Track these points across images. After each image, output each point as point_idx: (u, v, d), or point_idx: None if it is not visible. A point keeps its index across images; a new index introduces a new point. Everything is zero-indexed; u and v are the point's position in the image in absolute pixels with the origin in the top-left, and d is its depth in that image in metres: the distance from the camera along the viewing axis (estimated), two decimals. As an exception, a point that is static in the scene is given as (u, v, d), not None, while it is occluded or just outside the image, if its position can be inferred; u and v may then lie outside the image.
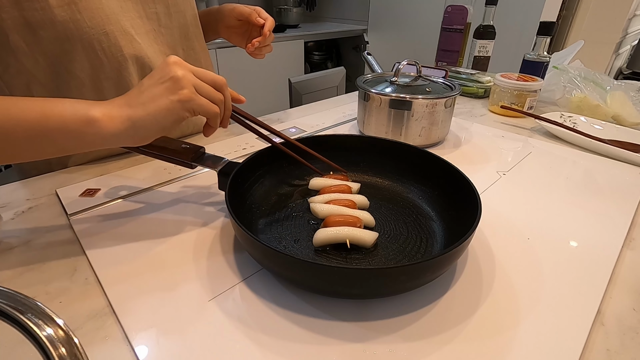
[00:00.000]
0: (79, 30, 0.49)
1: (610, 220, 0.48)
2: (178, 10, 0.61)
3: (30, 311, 0.18)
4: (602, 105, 0.81)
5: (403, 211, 0.46)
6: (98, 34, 0.50)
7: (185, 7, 0.62)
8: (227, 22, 0.70)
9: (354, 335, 0.31)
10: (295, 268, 0.32)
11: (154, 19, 0.58)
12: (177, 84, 0.35)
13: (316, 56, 2.48)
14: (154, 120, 0.35)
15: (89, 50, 0.51)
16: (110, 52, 0.52)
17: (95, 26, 0.50)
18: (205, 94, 0.37)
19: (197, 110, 0.36)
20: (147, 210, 0.47)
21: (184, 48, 0.65)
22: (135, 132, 0.35)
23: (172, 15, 0.60)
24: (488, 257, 0.40)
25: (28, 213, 0.47)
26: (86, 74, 0.52)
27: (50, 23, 0.47)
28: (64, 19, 0.47)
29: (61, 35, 0.48)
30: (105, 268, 0.37)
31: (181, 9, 0.61)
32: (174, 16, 0.60)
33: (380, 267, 0.35)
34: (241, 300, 0.34)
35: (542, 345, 0.30)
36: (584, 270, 0.39)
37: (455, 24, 1.08)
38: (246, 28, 0.70)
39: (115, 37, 0.52)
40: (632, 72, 2.37)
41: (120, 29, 0.52)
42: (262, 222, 0.43)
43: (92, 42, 0.50)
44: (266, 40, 0.67)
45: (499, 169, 0.60)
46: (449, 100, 0.64)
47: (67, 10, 0.47)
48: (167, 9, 0.59)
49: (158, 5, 0.58)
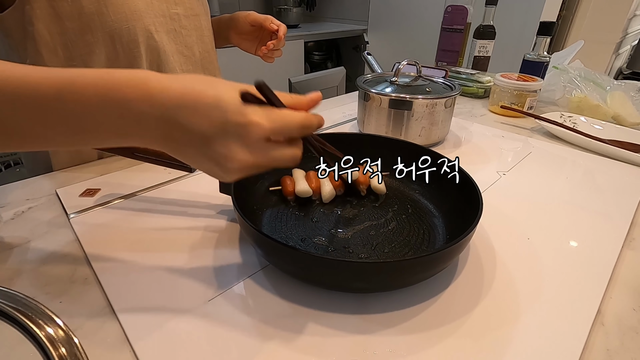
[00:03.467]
0: (103, 23, 0.51)
1: (610, 220, 0.48)
2: (194, 14, 0.62)
3: (30, 311, 0.18)
4: (602, 105, 0.81)
5: (403, 206, 0.47)
6: (120, 28, 0.52)
7: (200, 11, 0.64)
8: (240, 28, 0.72)
9: (357, 327, 0.32)
10: (310, 264, 0.33)
11: (176, 19, 0.60)
12: (226, 167, 0.27)
13: (316, 56, 2.48)
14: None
15: (108, 43, 0.52)
16: (128, 47, 0.54)
17: (119, 20, 0.51)
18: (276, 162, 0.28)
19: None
20: (147, 210, 0.47)
21: (200, 50, 0.66)
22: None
23: (190, 17, 0.62)
24: (489, 256, 0.40)
25: (28, 213, 0.47)
26: (101, 67, 0.54)
27: (78, 14, 0.49)
28: (91, 11, 0.49)
29: (85, 26, 0.50)
30: (105, 268, 0.37)
31: (196, 12, 0.63)
32: (191, 18, 0.62)
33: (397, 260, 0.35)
34: (246, 296, 0.34)
35: (542, 345, 0.30)
36: (584, 270, 0.39)
37: (455, 24, 1.08)
38: (257, 34, 0.73)
39: (135, 33, 0.53)
40: (632, 72, 2.37)
41: (141, 26, 0.54)
42: (266, 223, 0.44)
43: (113, 36, 0.52)
44: (279, 44, 0.69)
45: (499, 169, 0.60)
46: (449, 100, 0.64)
47: (94, 3, 0.49)
48: (186, 10, 0.61)
49: (179, 6, 0.60)
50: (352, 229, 0.42)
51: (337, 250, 0.39)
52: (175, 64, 0.61)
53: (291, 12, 2.17)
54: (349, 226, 0.43)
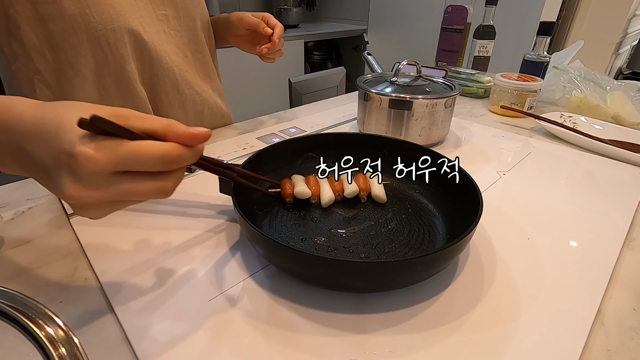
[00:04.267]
0: (87, 24, 0.50)
1: (610, 220, 0.48)
2: (187, 15, 0.61)
3: (30, 311, 0.18)
4: (602, 105, 0.81)
5: (403, 206, 0.47)
6: (105, 29, 0.51)
7: (195, 12, 0.63)
8: (236, 31, 0.70)
9: (357, 327, 0.32)
10: (311, 263, 0.33)
11: (164, 21, 0.59)
12: (68, 200, 0.25)
13: (316, 56, 2.48)
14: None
15: (94, 45, 0.52)
16: (116, 47, 0.53)
17: (103, 21, 0.51)
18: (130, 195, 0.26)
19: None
20: (147, 210, 0.47)
21: (192, 52, 0.66)
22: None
23: (181, 19, 0.61)
24: (489, 256, 0.40)
25: (28, 213, 0.47)
26: (90, 69, 0.53)
27: (60, 16, 0.48)
28: (73, 13, 0.49)
29: (69, 28, 0.49)
30: (105, 268, 0.37)
31: (190, 12, 0.62)
32: (183, 19, 0.61)
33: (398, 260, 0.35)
34: (246, 296, 0.34)
35: (542, 345, 0.30)
36: (584, 270, 0.39)
37: (455, 24, 1.08)
38: (255, 36, 0.71)
39: (122, 34, 0.53)
40: (632, 72, 2.37)
41: (127, 27, 0.53)
42: (266, 223, 0.43)
43: (99, 37, 0.51)
44: (275, 46, 0.67)
45: (499, 169, 0.60)
46: (449, 100, 0.64)
47: (76, 4, 0.49)
48: (177, 12, 0.60)
49: (167, 7, 0.59)
50: (352, 229, 0.42)
51: (337, 250, 0.39)
52: (172, 64, 0.60)
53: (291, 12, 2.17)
54: (349, 226, 0.43)
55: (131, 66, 0.55)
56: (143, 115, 0.26)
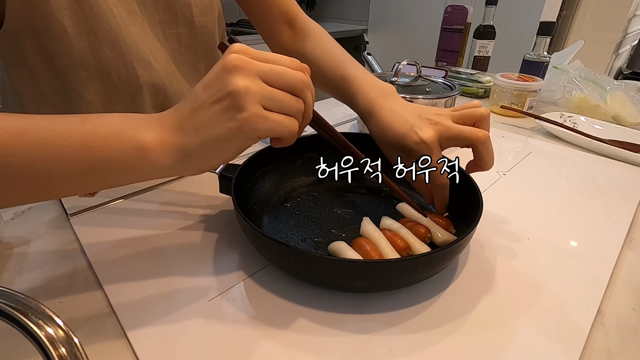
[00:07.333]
0: (97, 60, 0.47)
1: (610, 220, 0.48)
2: (206, 32, 0.59)
3: (30, 311, 0.18)
4: (602, 105, 0.81)
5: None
6: (117, 63, 0.49)
7: (214, 29, 0.60)
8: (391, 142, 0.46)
9: (357, 327, 0.32)
10: (311, 263, 0.33)
11: (174, 39, 0.56)
12: (237, 103, 0.27)
13: (316, 56, 2.48)
14: (211, 152, 0.29)
15: (104, 77, 0.49)
16: (127, 79, 0.51)
17: (114, 56, 0.48)
18: (278, 108, 0.28)
19: (265, 135, 0.29)
20: (147, 210, 0.47)
21: (207, 66, 0.63)
22: (191, 165, 0.29)
23: (197, 37, 0.58)
24: (489, 256, 0.40)
25: (28, 213, 0.47)
26: (99, 97, 0.51)
27: (68, 53, 0.45)
28: (83, 49, 0.46)
29: (78, 64, 0.47)
30: (105, 268, 0.37)
31: (210, 30, 0.59)
32: (200, 37, 0.58)
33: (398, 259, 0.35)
34: (246, 296, 0.34)
35: (542, 345, 0.30)
36: (584, 270, 0.39)
37: (455, 24, 1.08)
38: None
39: (133, 66, 0.50)
40: (632, 72, 2.38)
41: (139, 59, 0.51)
42: (267, 223, 0.43)
43: (110, 71, 0.49)
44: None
45: (499, 169, 0.60)
46: (449, 100, 0.64)
47: (86, 40, 0.46)
48: (193, 30, 0.57)
49: (181, 27, 0.56)
50: (353, 229, 0.42)
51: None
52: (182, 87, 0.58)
53: (291, 12, 2.16)
54: (350, 226, 0.43)
55: (142, 96, 0.54)
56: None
